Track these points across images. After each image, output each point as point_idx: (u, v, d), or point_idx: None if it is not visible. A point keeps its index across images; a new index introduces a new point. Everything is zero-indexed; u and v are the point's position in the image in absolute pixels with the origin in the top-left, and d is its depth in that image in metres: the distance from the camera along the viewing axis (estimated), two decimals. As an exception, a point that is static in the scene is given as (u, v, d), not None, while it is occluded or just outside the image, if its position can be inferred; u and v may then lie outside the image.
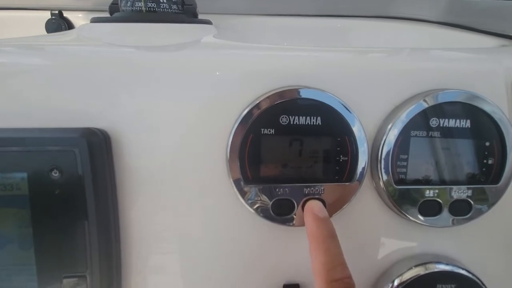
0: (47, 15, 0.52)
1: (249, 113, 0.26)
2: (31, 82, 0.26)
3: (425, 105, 0.27)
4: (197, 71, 0.27)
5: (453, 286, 0.28)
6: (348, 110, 0.27)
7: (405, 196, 0.28)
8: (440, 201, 0.28)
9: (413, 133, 0.28)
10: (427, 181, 0.29)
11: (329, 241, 0.24)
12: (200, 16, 0.40)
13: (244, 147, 0.27)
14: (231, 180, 0.27)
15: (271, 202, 0.27)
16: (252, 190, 0.27)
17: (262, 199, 0.27)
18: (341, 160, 0.28)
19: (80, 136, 0.24)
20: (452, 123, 0.28)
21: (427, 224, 0.29)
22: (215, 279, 0.29)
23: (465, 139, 0.28)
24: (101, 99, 0.26)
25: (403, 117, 0.27)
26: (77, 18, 0.54)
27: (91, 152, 0.24)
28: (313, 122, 0.27)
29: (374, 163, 0.28)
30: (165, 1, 0.36)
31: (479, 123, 0.28)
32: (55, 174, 0.24)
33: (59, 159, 0.24)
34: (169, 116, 0.27)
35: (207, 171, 0.28)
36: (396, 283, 0.28)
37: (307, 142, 0.27)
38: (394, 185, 0.28)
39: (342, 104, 0.27)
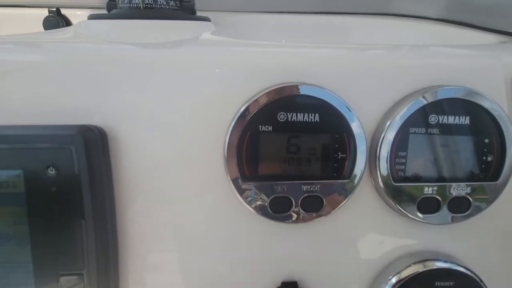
0: (44, 12, 0.52)
1: (247, 110, 0.26)
2: (28, 79, 0.25)
3: (424, 102, 0.27)
4: (195, 68, 0.27)
5: (451, 283, 0.28)
6: (347, 107, 0.27)
7: (403, 193, 0.28)
8: (439, 198, 0.28)
9: (412, 130, 0.28)
10: (425, 178, 0.28)
11: None
12: (198, 13, 0.39)
13: (242, 144, 0.26)
14: (229, 177, 0.27)
15: (269, 200, 0.27)
16: (250, 187, 0.27)
17: (260, 196, 0.27)
18: (339, 157, 0.27)
19: (76, 133, 0.24)
20: (451, 119, 0.28)
21: (426, 221, 0.29)
22: (213, 276, 0.29)
23: (464, 135, 0.28)
24: (97, 96, 0.26)
25: (402, 114, 0.27)
26: (74, 16, 0.53)
27: (87, 149, 0.24)
28: (311, 119, 0.27)
29: (373, 160, 0.28)
30: (162, -3, 0.36)
31: (478, 120, 0.28)
32: (51, 172, 0.24)
33: (55, 156, 0.24)
34: (167, 113, 0.27)
35: (205, 169, 0.27)
36: (394, 280, 0.28)
37: (305, 139, 0.27)
38: (393, 182, 0.28)
39: (340, 101, 0.27)
